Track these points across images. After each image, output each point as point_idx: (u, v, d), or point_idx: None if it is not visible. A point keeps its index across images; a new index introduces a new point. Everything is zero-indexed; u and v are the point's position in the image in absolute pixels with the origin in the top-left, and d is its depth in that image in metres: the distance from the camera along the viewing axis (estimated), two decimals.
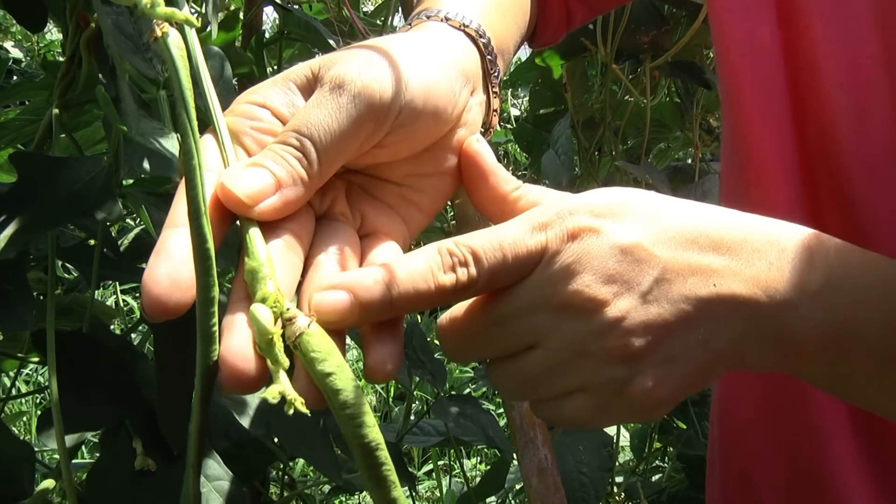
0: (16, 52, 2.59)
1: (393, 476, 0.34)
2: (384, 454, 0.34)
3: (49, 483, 0.55)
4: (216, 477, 0.57)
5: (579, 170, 1.47)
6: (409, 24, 0.49)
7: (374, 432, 0.33)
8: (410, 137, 0.42)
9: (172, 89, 0.32)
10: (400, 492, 0.34)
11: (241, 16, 1.01)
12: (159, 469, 0.55)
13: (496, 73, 0.50)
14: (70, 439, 0.57)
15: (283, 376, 0.33)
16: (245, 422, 0.63)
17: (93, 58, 0.65)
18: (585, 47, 1.33)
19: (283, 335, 0.34)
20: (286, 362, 0.34)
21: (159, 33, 0.31)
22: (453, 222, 1.29)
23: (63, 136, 0.70)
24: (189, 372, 0.66)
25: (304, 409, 0.33)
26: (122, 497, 0.53)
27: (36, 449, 0.88)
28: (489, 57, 0.49)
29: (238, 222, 0.37)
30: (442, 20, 0.48)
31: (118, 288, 1.77)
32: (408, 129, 0.42)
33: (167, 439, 0.58)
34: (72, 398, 0.56)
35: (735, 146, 0.60)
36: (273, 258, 0.36)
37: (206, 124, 0.40)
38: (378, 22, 1.16)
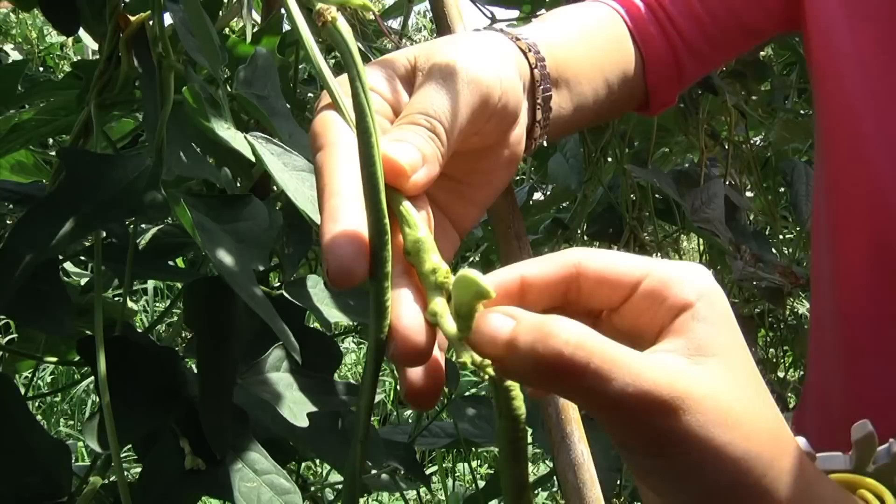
0: (15, 55, 2.57)
1: (526, 449, 0.35)
2: (525, 426, 0.34)
3: (97, 480, 0.54)
4: (265, 471, 0.57)
5: (585, 174, 1.48)
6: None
7: (523, 405, 0.34)
8: (488, 130, 0.43)
9: (346, 69, 0.33)
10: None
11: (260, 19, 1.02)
12: (209, 467, 0.55)
13: (546, 89, 0.51)
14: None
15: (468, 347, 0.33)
16: (286, 412, 0.63)
17: (132, 58, 0.65)
18: None
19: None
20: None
21: (329, 18, 0.32)
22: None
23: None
24: (226, 371, 0.66)
25: (492, 373, 0.32)
26: (175, 497, 0.53)
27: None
28: (537, 70, 0.50)
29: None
30: (498, 31, 0.50)
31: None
32: (494, 121, 0.43)
33: (210, 443, 0.57)
34: (117, 404, 0.56)
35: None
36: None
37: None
38: (394, 25, 1.16)
